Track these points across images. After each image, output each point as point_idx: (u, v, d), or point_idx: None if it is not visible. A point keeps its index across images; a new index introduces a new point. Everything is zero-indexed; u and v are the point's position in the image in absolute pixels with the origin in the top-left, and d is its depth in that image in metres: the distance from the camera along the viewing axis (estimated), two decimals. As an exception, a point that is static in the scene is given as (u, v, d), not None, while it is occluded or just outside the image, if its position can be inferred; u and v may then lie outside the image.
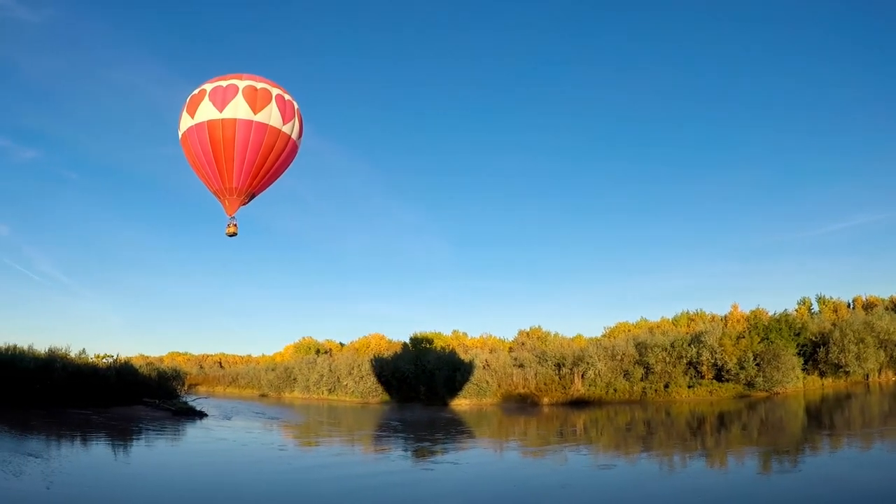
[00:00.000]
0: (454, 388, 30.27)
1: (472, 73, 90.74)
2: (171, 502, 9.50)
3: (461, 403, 29.60)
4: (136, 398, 24.19)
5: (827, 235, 75.06)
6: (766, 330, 27.48)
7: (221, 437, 17.80)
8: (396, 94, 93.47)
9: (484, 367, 30.88)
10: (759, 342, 26.58)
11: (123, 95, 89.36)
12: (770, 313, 30.20)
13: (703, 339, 27.41)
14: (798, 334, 28.03)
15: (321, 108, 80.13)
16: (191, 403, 24.83)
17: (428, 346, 39.45)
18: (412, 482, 11.32)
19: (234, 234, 15.83)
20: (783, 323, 28.31)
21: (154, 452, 15.31)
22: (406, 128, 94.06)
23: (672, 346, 27.85)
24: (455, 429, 21.46)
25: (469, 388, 30.04)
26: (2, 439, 14.91)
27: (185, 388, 30.32)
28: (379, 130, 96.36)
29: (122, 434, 17.20)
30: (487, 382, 30.04)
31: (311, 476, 11.93)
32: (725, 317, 34.28)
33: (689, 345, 27.55)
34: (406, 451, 16.29)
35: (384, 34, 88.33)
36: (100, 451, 14.68)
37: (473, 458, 14.66)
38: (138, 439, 16.98)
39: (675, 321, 36.88)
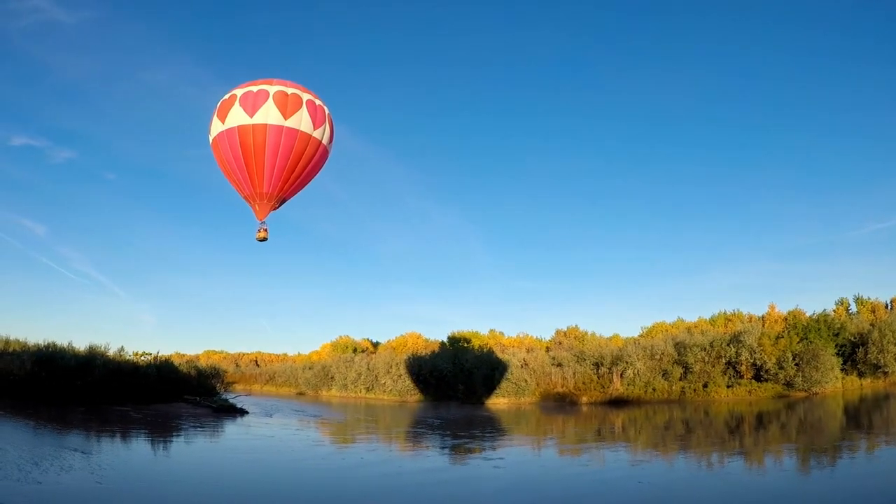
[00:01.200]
0: (492, 386, 30.71)
1: (506, 75, 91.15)
2: (213, 498, 9.66)
3: (499, 402, 30.07)
4: (176, 395, 24.48)
5: (865, 236, 73.73)
6: (804, 330, 27.33)
7: (262, 434, 18.14)
8: (433, 96, 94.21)
9: (522, 367, 31.28)
10: (798, 342, 26.44)
11: (158, 96, 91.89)
12: (808, 314, 30.06)
13: (742, 338, 27.41)
14: (837, 335, 27.79)
15: (356, 110, 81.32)
16: (231, 401, 25.08)
17: (465, 345, 39.88)
18: (452, 481, 11.51)
19: (264, 239, 16.13)
20: (822, 323, 28.09)
21: (196, 449, 15.66)
22: (441, 130, 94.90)
23: (711, 345, 27.95)
24: (495, 427, 21.85)
25: (507, 386, 30.51)
26: (44, 434, 15.12)
27: (224, 386, 31.00)
28: (415, 133, 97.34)
29: (164, 430, 17.52)
30: (526, 381, 30.46)
31: (352, 474, 12.06)
32: (763, 317, 34.20)
33: (728, 344, 27.62)
34: (445, 448, 16.48)
35: (420, 37, 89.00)
36: (143, 447, 14.90)
37: (513, 456, 14.77)
38: (179, 436, 17.24)
39: (713, 321, 36.85)
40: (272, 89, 15.40)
